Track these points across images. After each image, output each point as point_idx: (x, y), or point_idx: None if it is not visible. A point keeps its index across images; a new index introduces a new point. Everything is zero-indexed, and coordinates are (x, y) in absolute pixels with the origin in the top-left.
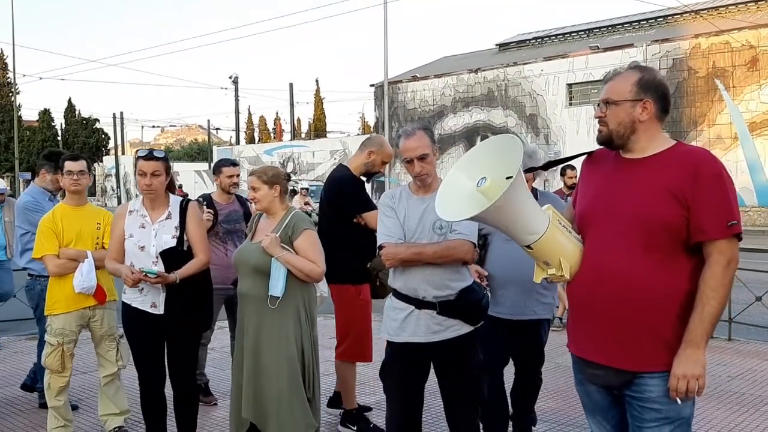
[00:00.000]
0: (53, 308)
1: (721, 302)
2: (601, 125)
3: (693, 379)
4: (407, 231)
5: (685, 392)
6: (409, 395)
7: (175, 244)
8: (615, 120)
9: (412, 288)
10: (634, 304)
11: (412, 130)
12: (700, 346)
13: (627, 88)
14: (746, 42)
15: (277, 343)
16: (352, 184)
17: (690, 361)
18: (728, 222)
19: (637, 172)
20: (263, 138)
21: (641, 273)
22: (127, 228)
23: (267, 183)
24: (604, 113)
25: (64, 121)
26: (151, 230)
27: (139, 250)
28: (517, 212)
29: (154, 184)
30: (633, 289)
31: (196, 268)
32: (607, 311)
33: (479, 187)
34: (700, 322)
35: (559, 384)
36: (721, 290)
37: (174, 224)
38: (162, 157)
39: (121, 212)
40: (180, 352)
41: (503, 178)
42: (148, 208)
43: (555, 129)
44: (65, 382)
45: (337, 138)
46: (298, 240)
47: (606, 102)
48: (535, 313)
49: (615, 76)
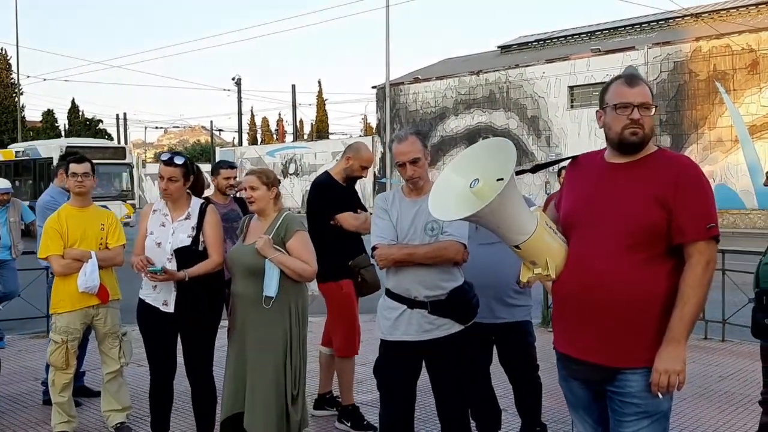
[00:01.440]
0: (58, 307)
1: (700, 301)
2: (637, 128)
3: (674, 374)
4: (400, 232)
5: (666, 387)
6: (401, 392)
7: (190, 243)
8: (649, 124)
9: (404, 288)
10: (617, 303)
11: (405, 135)
12: (681, 342)
13: (650, 95)
14: (747, 45)
15: (265, 341)
16: (328, 188)
17: (671, 357)
18: (707, 224)
19: (622, 175)
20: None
21: (624, 273)
22: (149, 226)
23: (266, 184)
24: (643, 117)
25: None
26: (170, 229)
27: (156, 247)
28: (509, 213)
29: (169, 189)
30: (616, 288)
31: (208, 268)
32: (590, 309)
33: (472, 188)
34: (680, 319)
35: (554, 383)
36: (700, 290)
37: (191, 224)
38: (180, 164)
39: (145, 211)
40: (194, 350)
41: (494, 180)
42: (170, 208)
43: (556, 131)
44: (69, 378)
45: (339, 139)
46: (291, 241)
47: (645, 106)
48: (512, 315)
49: (641, 81)
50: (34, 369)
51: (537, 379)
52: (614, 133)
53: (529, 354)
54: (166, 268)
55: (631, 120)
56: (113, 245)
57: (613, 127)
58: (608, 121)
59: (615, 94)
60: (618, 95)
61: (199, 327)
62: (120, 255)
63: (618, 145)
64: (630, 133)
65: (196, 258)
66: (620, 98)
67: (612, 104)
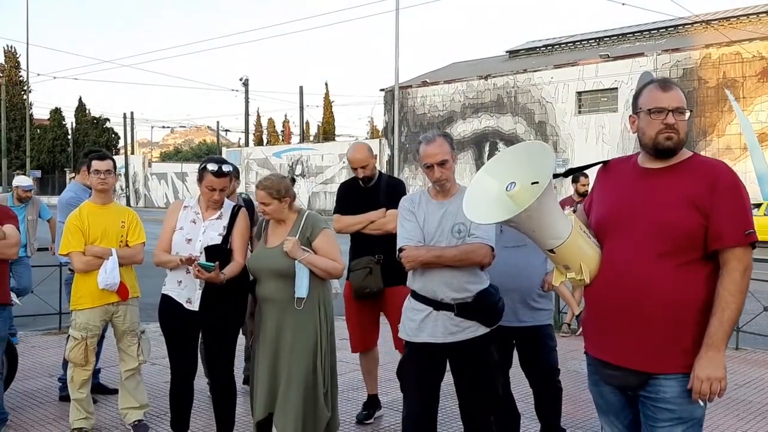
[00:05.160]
0: (78, 303)
1: (739, 307)
2: (672, 132)
3: (716, 381)
4: (426, 234)
5: (708, 394)
6: (426, 394)
7: (220, 242)
8: (683, 129)
9: (431, 290)
10: (653, 309)
11: (433, 136)
12: (721, 348)
13: (684, 100)
14: (757, 53)
15: (299, 342)
16: (340, 187)
17: (712, 364)
18: (746, 231)
19: (657, 181)
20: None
21: (660, 278)
22: (179, 221)
23: (277, 198)
24: (678, 122)
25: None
26: (201, 226)
27: (185, 242)
28: (545, 218)
29: (221, 199)
30: (652, 293)
31: (235, 271)
32: (626, 315)
33: (509, 191)
34: (720, 325)
35: (569, 388)
36: (739, 296)
37: (223, 224)
38: (230, 172)
39: (175, 207)
40: (216, 348)
41: (530, 184)
42: (202, 207)
43: (564, 137)
44: (88, 375)
45: (346, 141)
46: (317, 240)
47: (679, 110)
48: (534, 319)
49: (674, 86)
50: (48, 365)
51: (558, 384)
52: (648, 138)
53: (551, 358)
54: (217, 268)
55: (665, 125)
56: (133, 243)
57: (647, 131)
58: (642, 125)
59: (649, 99)
60: (652, 100)
61: (223, 326)
62: (140, 253)
63: (653, 150)
64: (665, 138)
65: (225, 257)
66: (654, 103)
67: (646, 109)
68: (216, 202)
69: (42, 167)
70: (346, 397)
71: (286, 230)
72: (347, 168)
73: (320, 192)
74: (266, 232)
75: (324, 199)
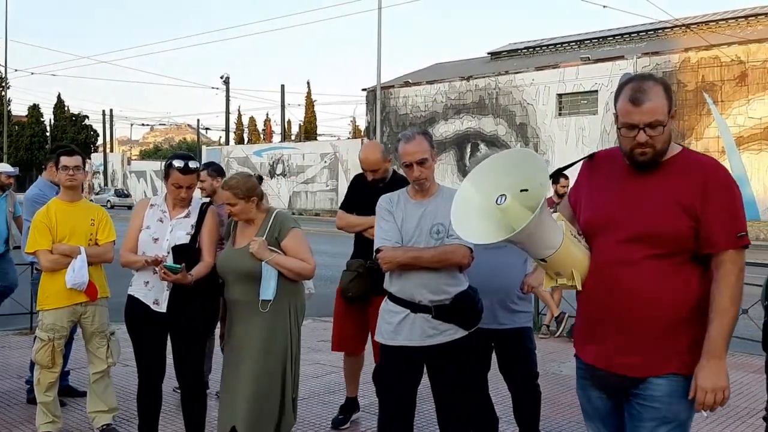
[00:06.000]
0: (45, 303)
1: (737, 311)
2: (645, 148)
3: (720, 391)
4: (404, 235)
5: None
6: (402, 398)
7: (189, 241)
8: (660, 141)
9: (408, 292)
10: (645, 314)
11: (412, 134)
12: (722, 356)
13: (665, 104)
14: (735, 57)
15: (268, 347)
16: (350, 183)
17: (715, 374)
18: (738, 233)
19: (645, 181)
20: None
21: (651, 282)
22: (145, 220)
23: (243, 198)
24: (652, 137)
25: (53, 116)
26: (168, 225)
27: (152, 242)
28: (539, 231)
29: (189, 196)
30: (643, 298)
31: (203, 272)
32: (618, 321)
33: (499, 204)
34: (719, 333)
35: (548, 391)
36: (736, 300)
37: (191, 222)
38: (197, 168)
39: (142, 205)
40: (186, 352)
41: (519, 192)
42: (169, 205)
43: (544, 138)
44: (55, 377)
45: (328, 141)
46: (286, 240)
47: (652, 125)
48: (513, 322)
49: (647, 92)
50: (17, 366)
51: (537, 387)
52: (624, 150)
53: (530, 361)
54: (184, 269)
55: (637, 143)
56: (103, 241)
57: (622, 144)
58: (618, 135)
59: (622, 110)
60: (623, 113)
61: (192, 328)
62: (110, 251)
63: (630, 162)
64: (639, 154)
65: (193, 256)
66: (625, 118)
67: (619, 122)
68: (183, 200)
69: (19, 164)
70: (323, 401)
71: (255, 230)
72: (329, 167)
73: (301, 191)
74: (234, 233)
75: (305, 198)
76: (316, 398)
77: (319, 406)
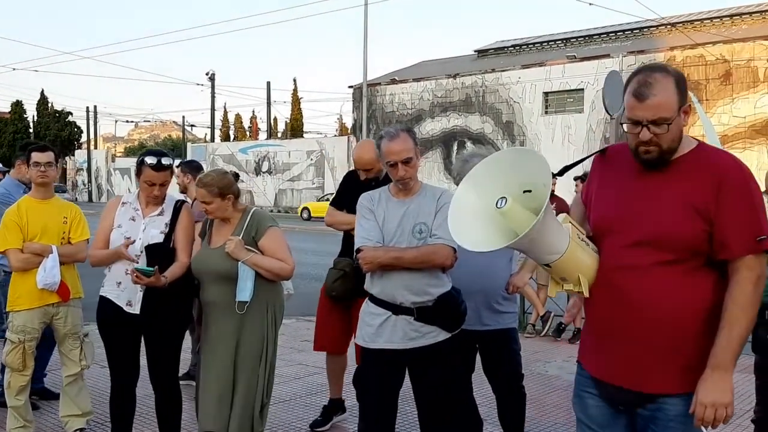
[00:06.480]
0: (15, 304)
1: (750, 322)
2: (649, 146)
3: (722, 408)
4: (386, 234)
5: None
6: (383, 402)
7: (163, 240)
8: (669, 138)
9: (389, 293)
10: (656, 324)
11: (396, 132)
12: (729, 369)
13: (673, 99)
14: (720, 56)
15: (245, 349)
16: (343, 179)
17: (718, 389)
18: (757, 237)
19: (656, 181)
20: (238, 136)
21: (660, 289)
22: (117, 219)
23: (218, 196)
24: (656, 135)
25: (36, 113)
26: (141, 224)
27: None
28: (543, 235)
29: (162, 194)
30: (654, 308)
31: (181, 272)
32: (628, 333)
33: (500, 207)
34: (728, 343)
35: (533, 392)
36: (750, 310)
37: (165, 221)
38: (171, 165)
39: (113, 204)
40: (160, 355)
41: (521, 193)
42: (141, 203)
43: (531, 136)
44: (26, 380)
45: (314, 138)
46: (264, 239)
47: (657, 122)
48: (498, 323)
49: (653, 85)
50: None
51: (522, 389)
52: (630, 147)
53: (515, 362)
54: (157, 272)
55: (641, 141)
56: (76, 240)
57: (629, 140)
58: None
59: (626, 105)
60: (627, 108)
61: (166, 330)
62: (83, 250)
63: (637, 160)
64: (644, 152)
65: (167, 256)
66: (629, 112)
67: (625, 116)
68: (156, 197)
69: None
70: (305, 403)
71: (231, 229)
72: (315, 165)
73: (287, 189)
74: (210, 232)
75: (291, 196)
76: (298, 400)
77: (300, 409)
